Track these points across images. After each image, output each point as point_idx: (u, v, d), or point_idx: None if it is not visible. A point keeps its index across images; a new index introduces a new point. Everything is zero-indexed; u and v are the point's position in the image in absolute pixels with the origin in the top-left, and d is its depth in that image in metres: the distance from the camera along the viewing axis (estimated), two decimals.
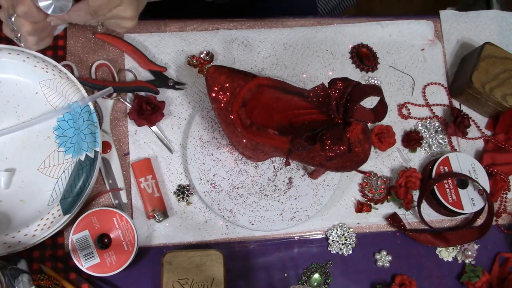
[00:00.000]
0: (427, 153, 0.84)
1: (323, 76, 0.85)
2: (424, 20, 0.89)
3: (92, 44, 0.82)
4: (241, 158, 0.79)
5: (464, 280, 0.79)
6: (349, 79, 0.61)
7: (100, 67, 0.81)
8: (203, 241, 0.77)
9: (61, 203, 0.70)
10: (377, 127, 0.83)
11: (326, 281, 0.77)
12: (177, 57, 0.83)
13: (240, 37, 0.85)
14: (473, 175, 0.79)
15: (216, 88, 0.69)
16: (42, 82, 0.74)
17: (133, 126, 0.79)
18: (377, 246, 0.80)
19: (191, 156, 0.78)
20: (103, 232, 0.71)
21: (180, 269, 0.71)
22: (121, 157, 0.78)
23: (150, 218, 0.76)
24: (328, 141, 0.58)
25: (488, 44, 0.83)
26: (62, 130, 0.74)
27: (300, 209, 0.77)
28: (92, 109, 0.72)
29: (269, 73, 0.84)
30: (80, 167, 0.70)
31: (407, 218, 0.81)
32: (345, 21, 0.88)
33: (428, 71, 0.88)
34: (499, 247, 0.82)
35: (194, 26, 0.85)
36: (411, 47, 0.88)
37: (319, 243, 0.79)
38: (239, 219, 0.76)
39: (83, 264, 0.70)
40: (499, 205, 0.83)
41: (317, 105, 0.62)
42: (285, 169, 0.79)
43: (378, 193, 0.80)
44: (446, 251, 0.80)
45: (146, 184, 0.76)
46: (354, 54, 0.86)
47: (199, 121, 0.79)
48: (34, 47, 0.66)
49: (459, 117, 0.83)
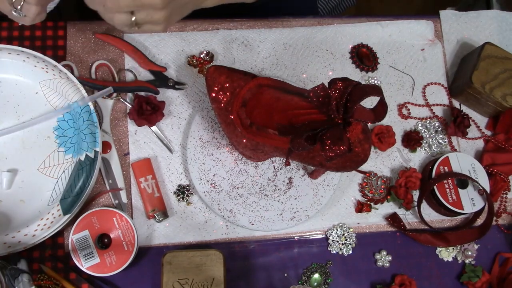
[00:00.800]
0: (427, 153, 0.84)
1: (323, 76, 0.85)
2: (424, 20, 0.89)
3: (92, 44, 0.82)
4: (241, 158, 0.79)
5: (464, 280, 0.79)
6: (349, 79, 0.61)
7: (100, 67, 0.81)
8: (203, 241, 0.77)
9: (61, 203, 0.70)
10: (377, 127, 0.83)
11: (326, 281, 0.77)
12: (177, 57, 0.83)
13: (240, 37, 0.85)
14: (473, 175, 0.79)
15: (216, 88, 0.69)
16: (42, 82, 0.74)
17: (133, 126, 0.79)
18: (377, 246, 0.80)
19: (191, 156, 0.78)
20: (103, 232, 0.71)
21: (180, 269, 0.71)
22: (121, 157, 0.78)
23: (150, 218, 0.76)
24: (328, 141, 0.58)
25: (488, 44, 0.83)
26: (62, 130, 0.74)
27: (300, 209, 0.77)
28: (92, 109, 0.72)
29: (269, 73, 0.84)
30: (80, 167, 0.70)
31: (407, 218, 0.81)
32: (345, 21, 0.88)
33: (428, 71, 0.88)
34: (499, 247, 0.82)
35: (194, 26, 0.85)
36: (411, 47, 0.88)
37: (319, 243, 0.79)
38: (239, 219, 0.76)
39: (83, 264, 0.70)
40: (499, 205, 0.83)
41: (317, 105, 0.62)
42: (285, 169, 0.79)
43: (378, 193, 0.80)
44: (446, 251, 0.80)
45: (146, 184, 0.76)
46: (354, 54, 0.86)
47: (199, 121, 0.79)
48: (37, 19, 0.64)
49: (459, 117, 0.83)
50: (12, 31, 0.81)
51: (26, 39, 0.81)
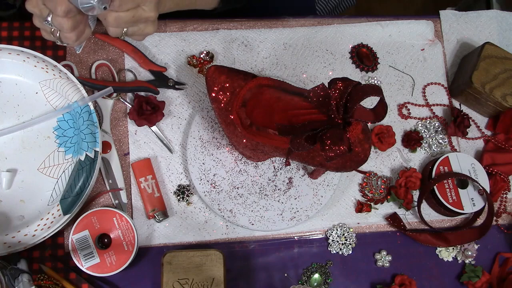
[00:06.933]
0: (427, 153, 0.84)
1: (323, 76, 0.85)
2: (424, 20, 0.89)
3: (92, 44, 0.82)
4: (241, 158, 0.79)
5: (464, 280, 0.79)
6: (349, 79, 0.61)
7: (100, 67, 0.81)
8: (203, 241, 0.77)
9: (61, 203, 0.70)
10: (377, 127, 0.83)
11: (326, 281, 0.77)
12: (177, 57, 0.83)
13: (240, 37, 0.85)
14: (473, 175, 0.79)
15: (216, 88, 0.69)
16: (42, 82, 0.74)
17: (133, 126, 0.79)
18: (377, 246, 0.80)
19: (191, 156, 0.78)
20: (103, 232, 0.71)
21: (180, 269, 0.71)
22: (121, 157, 0.78)
23: (150, 218, 0.76)
24: (328, 141, 0.58)
25: (488, 44, 0.83)
26: (62, 130, 0.74)
27: (300, 209, 0.77)
28: (92, 109, 0.72)
29: (269, 73, 0.84)
30: (80, 167, 0.70)
31: (407, 218, 0.81)
32: (345, 21, 0.88)
33: (428, 71, 0.88)
34: (499, 247, 0.82)
35: (194, 26, 0.85)
36: (411, 47, 0.88)
37: (319, 243, 0.79)
38: (239, 219, 0.76)
39: (83, 264, 0.70)
40: (499, 205, 0.83)
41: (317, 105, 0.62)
42: (285, 169, 0.79)
43: (378, 193, 0.80)
44: (446, 251, 0.80)
45: (146, 184, 0.76)
46: (354, 54, 0.86)
47: (199, 121, 0.79)
48: (77, 42, 0.65)
49: (459, 117, 0.83)
50: (12, 31, 0.81)
51: (26, 39, 0.81)
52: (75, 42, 0.65)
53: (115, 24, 0.62)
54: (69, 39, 0.63)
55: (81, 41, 0.66)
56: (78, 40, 0.65)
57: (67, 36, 0.63)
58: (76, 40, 0.64)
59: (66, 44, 0.65)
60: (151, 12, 0.63)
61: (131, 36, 0.66)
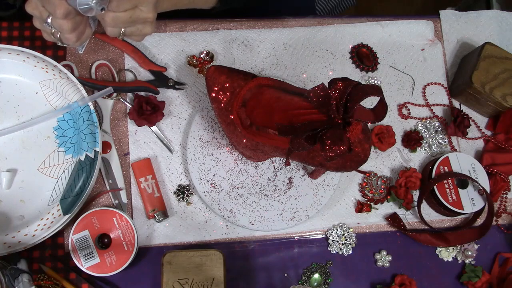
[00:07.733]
0: (427, 153, 0.84)
1: (323, 76, 0.85)
2: (424, 20, 0.89)
3: (92, 44, 0.82)
4: (241, 158, 0.79)
5: (464, 280, 0.79)
6: (349, 79, 0.61)
7: (100, 67, 0.81)
8: (203, 241, 0.77)
9: (61, 203, 0.70)
10: (377, 127, 0.83)
11: (326, 281, 0.77)
12: (177, 57, 0.83)
13: (240, 37, 0.85)
14: (473, 175, 0.79)
15: (216, 88, 0.69)
16: (42, 82, 0.74)
17: (133, 126, 0.79)
18: (377, 246, 0.80)
19: (191, 156, 0.78)
20: (103, 232, 0.71)
21: (180, 269, 0.71)
22: (121, 157, 0.78)
23: (150, 218, 0.76)
24: (328, 141, 0.58)
25: (488, 44, 0.83)
26: (62, 130, 0.74)
27: (300, 209, 0.77)
28: (92, 109, 0.72)
29: (269, 73, 0.84)
30: (80, 167, 0.70)
31: (407, 218, 0.81)
32: (345, 21, 0.88)
33: (428, 71, 0.88)
34: (499, 247, 0.82)
35: (194, 26, 0.85)
36: (411, 47, 0.88)
37: (319, 243, 0.79)
38: (239, 219, 0.76)
39: (83, 264, 0.70)
40: (499, 205, 0.83)
41: (317, 105, 0.62)
42: (285, 169, 0.79)
43: (378, 193, 0.80)
44: (446, 251, 0.80)
45: (146, 184, 0.76)
46: (354, 54, 0.86)
47: (199, 121, 0.79)
48: (77, 43, 0.65)
49: (459, 117, 0.83)
50: (12, 31, 0.81)
51: (26, 39, 0.81)
52: (76, 43, 0.65)
53: (112, 24, 0.63)
54: (69, 40, 0.64)
55: (82, 42, 0.66)
56: (78, 41, 0.65)
57: (67, 37, 0.63)
58: (77, 40, 0.65)
59: (67, 45, 0.66)
60: (149, 12, 0.63)
61: (129, 36, 0.66)
